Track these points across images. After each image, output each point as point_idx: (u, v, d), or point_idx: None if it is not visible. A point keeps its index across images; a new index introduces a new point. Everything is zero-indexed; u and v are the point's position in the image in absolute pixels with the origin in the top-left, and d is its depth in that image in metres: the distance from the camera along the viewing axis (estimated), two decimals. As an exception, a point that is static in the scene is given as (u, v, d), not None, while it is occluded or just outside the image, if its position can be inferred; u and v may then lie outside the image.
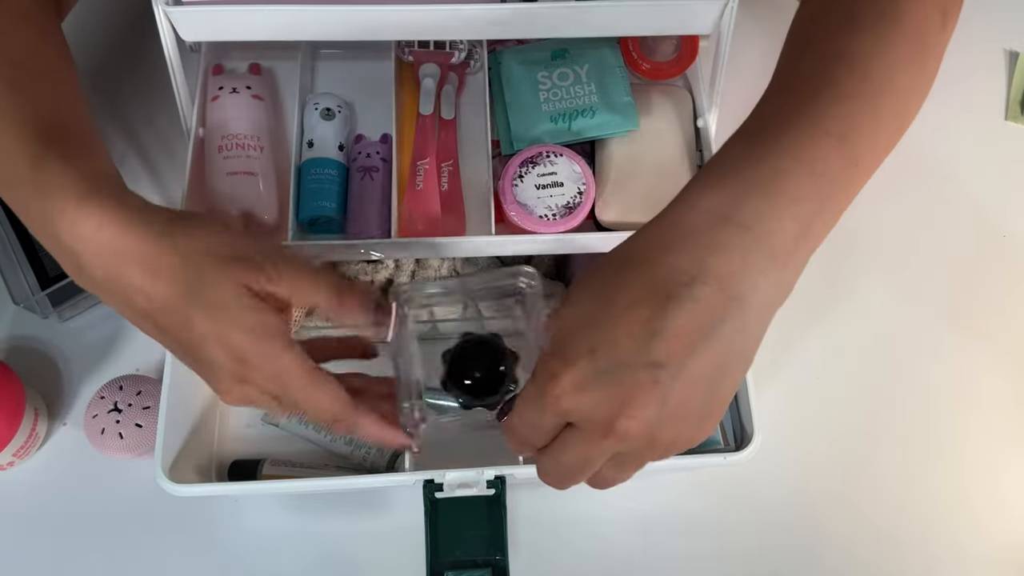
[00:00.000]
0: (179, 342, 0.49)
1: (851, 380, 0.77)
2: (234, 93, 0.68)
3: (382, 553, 0.70)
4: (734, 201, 0.43)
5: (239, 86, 0.69)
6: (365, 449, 0.71)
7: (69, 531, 0.71)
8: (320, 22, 0.61)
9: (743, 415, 0.65)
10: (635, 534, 0.71)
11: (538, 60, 0.71)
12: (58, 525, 0.71)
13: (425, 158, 0.67)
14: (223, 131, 0.67)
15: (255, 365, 0.48)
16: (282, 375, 0.48)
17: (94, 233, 0.47)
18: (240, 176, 0.65)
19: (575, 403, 0.41)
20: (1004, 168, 0.86)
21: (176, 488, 0.61)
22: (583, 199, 0.65)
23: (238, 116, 0.68)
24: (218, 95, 0.68)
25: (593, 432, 0.42)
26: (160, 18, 0.60)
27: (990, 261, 0.82)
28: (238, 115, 0.68)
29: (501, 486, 0.61)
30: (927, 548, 0.72)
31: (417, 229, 0.66)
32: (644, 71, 0.72)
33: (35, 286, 0.74)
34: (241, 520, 0.71)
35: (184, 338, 0.48)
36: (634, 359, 0.40)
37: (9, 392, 0.68)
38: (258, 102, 0.69)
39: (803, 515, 0.72)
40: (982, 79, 0.90)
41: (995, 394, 0.77)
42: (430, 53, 0.71)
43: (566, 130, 0.68)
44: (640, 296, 0.41)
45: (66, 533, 0.71)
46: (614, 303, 0.41)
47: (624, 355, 0.40)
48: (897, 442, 0.75)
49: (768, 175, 0.43)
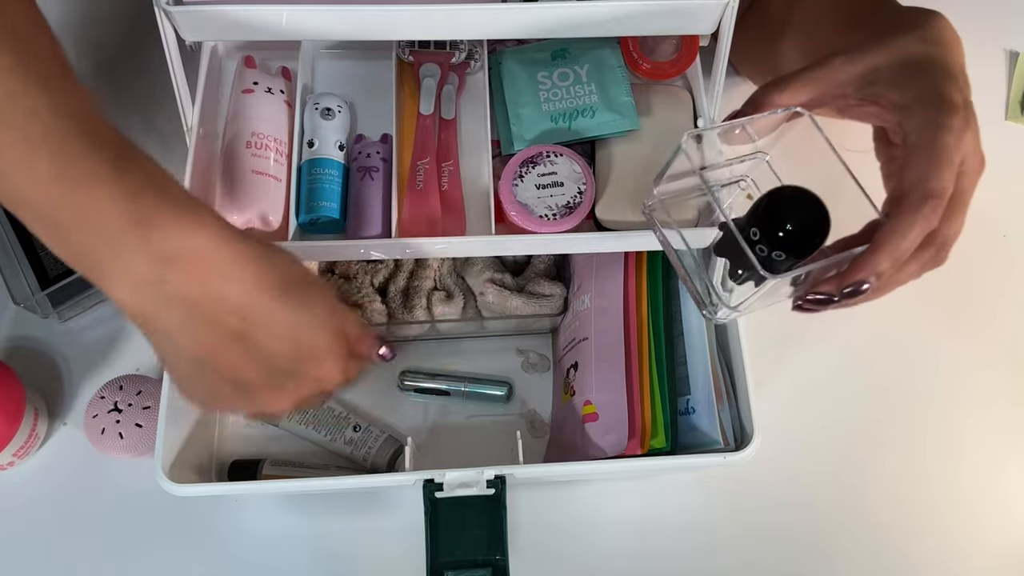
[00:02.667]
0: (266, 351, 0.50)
1: (850, 380, 0.77)
2: (269, 93, 0.68)
3: (382, 553, 0.70)
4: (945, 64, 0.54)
5: (274, 88, 0.69)
6: (365, 449, 0.71)
7: (69, 531, 0.71)
8: (321, 22, 0.61)
9: (743, 415, 0.65)
10: (635, 534, 0.71)
11: (538, 60, 0.71)
12: (58, 525, 0.71)
13: (425, 158, 0.67)
14: (254, 128, 0.66)
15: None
16: None
17: (200, 244, 0.46)
18: (264, 177, 0.65)
19: (965, 145, 0.51)
20: (1004, 168, 0.86)
21: (176, 488, 0.61)
22: (583, 199, 0.65)
23: (274, 119, 0.68)
24: (252, 89, 0.68)
25: (974, 169, 0.53)
26: (161, 18, 0.60)
27: (990, 261, 0.82)
28: (274, 118, 0.68)
29: (501, 486, 0.61)
30: (927, 547, 0.72)
31: (417, 229, 0.66)
32: (644, 71, 0.72)
33: (35, 286, 0.74)
34: (241, 520, 0.71)
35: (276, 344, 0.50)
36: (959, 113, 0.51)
37: (9, 392, 0.68)
38: (289, 109, 0.69)
39: (803, 515, 0.73)
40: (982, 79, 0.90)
41: (995, 393, 0.77)
42: (430, 53, 0.71)
43: (566, 130, 0.68)
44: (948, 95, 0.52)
45: (66, 533, 0.71)
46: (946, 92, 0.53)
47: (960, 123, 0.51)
48: (897, 441, 0.75)
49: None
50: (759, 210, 0.49)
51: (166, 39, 0.61)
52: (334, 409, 0.73)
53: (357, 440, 0.71)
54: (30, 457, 0.73)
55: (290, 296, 0.50)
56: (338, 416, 0.73)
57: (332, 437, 0.72)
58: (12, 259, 0.75)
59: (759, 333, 0.69)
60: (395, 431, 0.73)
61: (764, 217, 0.48)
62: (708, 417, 0.64)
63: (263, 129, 0.67)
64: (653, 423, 0.64)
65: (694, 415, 0.64)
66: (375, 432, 0.72)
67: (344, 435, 0.71)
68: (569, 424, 0.68)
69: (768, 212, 0.48)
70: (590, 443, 0.64)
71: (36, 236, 0.46)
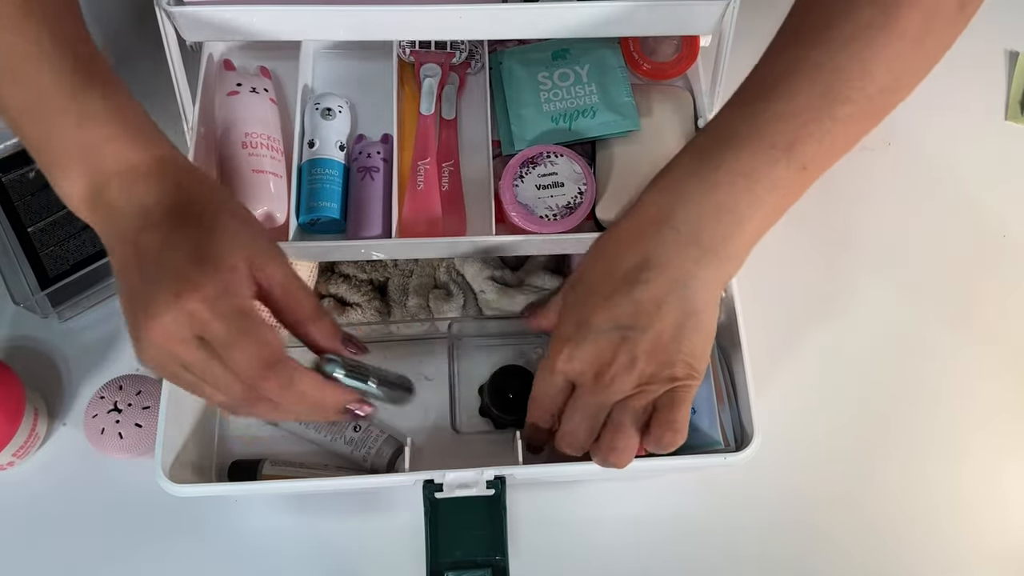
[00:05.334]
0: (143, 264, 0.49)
1: (851, 381, 0.77)
2: (254, 93, 0.69)
3: (382, 553, 0.70)
4: (672, 207, 0.53)
5: (258, 87, 0.69)
6: (365, 449, 0.71)
7: (69, 531, 0.71)
8: (321, 23, 0.61)
9: (743, 416, 0.65)
10: (635, 535, 0.72)
11: (539, 60, 0.71)
12: (58, 525, 0.71)
13: (426, 158, 0.67)
14: (246, 128, 0.67)
15: (215, 272, 0.48)
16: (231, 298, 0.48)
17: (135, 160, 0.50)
18: (265, 175, 0.65)
19: (570, 366, 0.54)
20: (1004, 168, 0.86)
21: (176, 488, 0.61)
22: (583, 199, 0.65)
23: (264, 117, 0.68)
24: (237, 91, 0.68)
25: (586, 383, 0.54)
26: (161, 18, 0.60)
27: (990, 261, 0.82)
28: (264, 116, 0.68)
29: (501, 486, 0.61)
30: (927, 549, 0.72)
31: (418, 229, 0.66)
32: (645, 71, 0.72)
33: (35, 286, 0.74)
34: (241, 520, 0.71)
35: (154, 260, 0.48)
36: (607, 328, 0.53)
37: (9, 392, 0.68)
38: (275, 106, 0.70)
39: (803, 515, 0.73)
40: (982, 79, 0.90)
41: (995, 393, 0.77)
42: (431, 53, 0.71)
43: (567, 130, 0.68)
44: (609, 287, 0.53)
45: (66, 533, 0.71)
46: (594, 292, 0.54)
47: (600, 328, 0.53)
48: (897, 442, 0.75)
49: (699, 188, 0.53)
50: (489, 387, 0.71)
51: (167, 39, 0.61)
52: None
53: (357, 440, 0.71)
54: (30, 457, 0.73)
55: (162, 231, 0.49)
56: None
57: (332, 437, 0.71)
58: (12, 259, 0.75)
59: (760, 334, 0.69)
60: (395, 431, 0.73)
61: (491, 390, 0.71)
62: (708, 418, 0.64)
63: (255, 128, 0.67)
64: (654, 424, 0.64)
65: (694, 415, 0.64)
66: (375, 432, 0.72)
67: (344, 435, 0.71)
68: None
69: (492, 386, 0.71)
70: (591, 444, 0.64)
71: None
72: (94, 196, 0.50)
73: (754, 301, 0.69)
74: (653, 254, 0.52)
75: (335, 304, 0.74)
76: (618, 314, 0.52)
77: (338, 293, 0.75)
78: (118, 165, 0.50)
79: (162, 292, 0.46)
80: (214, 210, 0.50)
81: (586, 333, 0.53)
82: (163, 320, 0.46)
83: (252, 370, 0.48)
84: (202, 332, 0.47)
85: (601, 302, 0.53)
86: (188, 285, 0.46)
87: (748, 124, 0.53)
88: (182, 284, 0.46)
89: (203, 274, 0.47)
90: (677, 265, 0.52)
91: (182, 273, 0.47)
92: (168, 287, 0.46)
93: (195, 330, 0.47)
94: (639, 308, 0.52)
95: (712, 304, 0.54)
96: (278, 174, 0.67)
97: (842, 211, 0.83)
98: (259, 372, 0.48)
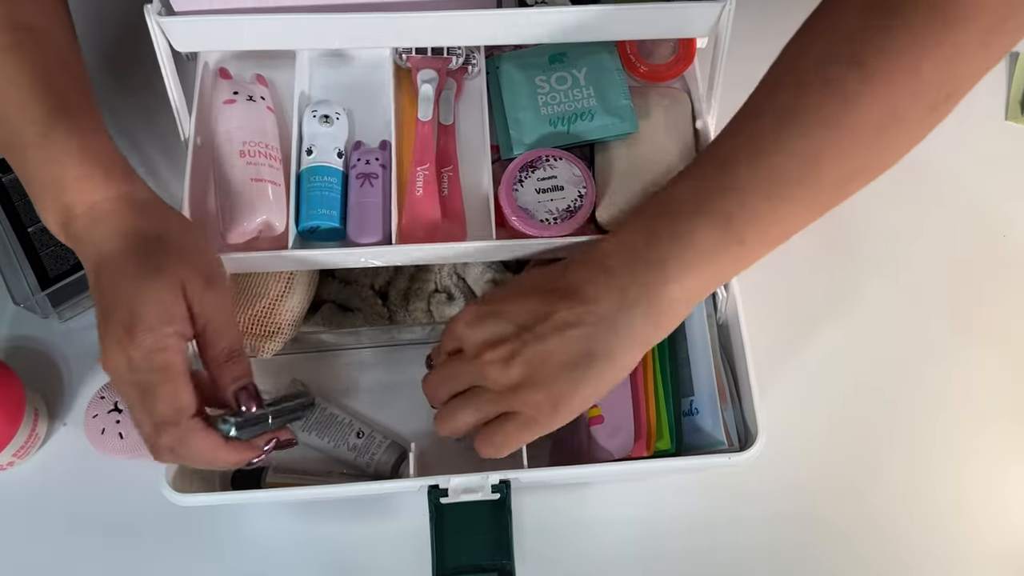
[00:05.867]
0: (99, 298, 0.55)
1: (853, 380, 0.77)
2: (251, 101, 0.68)
3: (387, 559, 0.70)
4: (615, 254, 0.56)
5: (255, 95, 0.69)
6: (369, 455, 0.71)
7: (69, 531, 0.71)
8: (315, 30, 0.61)
9: (747, 416, 0.65)
10: (641, 536, 0.71)
11: (536, 64, 0.71)
12: (58, 526, 0.71)
13: (424, 164, 0.68)
14: (244, 136, 0.66)
15: (140, 332, 0.52)
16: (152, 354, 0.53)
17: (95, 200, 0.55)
18: (264, 184, 0.65)
19: (464, 331, 0.57)
20: (1004, 168, 0.86)
21: (180, 498, 0.61)
22: (583, 202, 0.65)
23: (262, 126, 0.68)
24: (233, 100, 0.68)
25: (467, 353, 0.56)
26: (153, 28, 0.60)
27: (990, 261, 0.82)
28: (262, 124, 0.68)
29: (506, 490, 0.61)
30: (930, 548, 0.72)
31: (417, 235, 0.66)
32: (642, 74, 0.72)
33: (35, 286, 0.74)
34: (244, 526, 0.71)
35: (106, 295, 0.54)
36: (514, 321, 0.55)
37: (9, 392, 0.69)
38: (273, 114, 0.70)
39: (807, 516, 0.72)
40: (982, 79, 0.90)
41: (996, 393, 0.77)
42: (428, 59, 0.71)
43: (565, 133, 0.68)
44: (538, 291, 0.56)
45: (66, 533, 0.71)
46: (524, 289, 0.57)
47: (509, 317, 0.56)
48: (900, 442, 0.75)
49: (642, 241, 0.55)
50: None
51: (159, 49, 0.61)
52: (337, 415, 0.73)
53: (361, 447, 0.71)
54: (30, 457, 0.73)
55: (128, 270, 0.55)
56: (341, 422, 0.72)
57: (335, 444, 0.71)
58: (12, 259, 0.75)
59: (763, 334, 0.69)
60: (399, 437, 0.73)
61: None
62: (712, 418, 0.64)
63: (253, 137, 0.67)
64: (658, 425, 0.64)
65: (698, 416, 0.64)
66: (378, 438, 0.72)
67: (348, 442, 0.71)
68: (574, 427, 0.68)
69: None
70: (596, 445, 0.64)
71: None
72: (64, 229, 0.56)
73: (756, 301, 0.68)
74: (585, 287, 0.55)
75: (336, 309, 0.74)
76: (530, 314, 0.55)
77: (339, 298, 0.75)
78: (82, 204, 0.55)
79: (110, 336, 0.53)
80: (162, 252, 0.55)
81: (497, 313, 0.56)
82: (110, 357, 0.53)
83: (149, 426, 0.54)
84: (132, 378, 0.53)
85: (523, 297, 0.56)
86: (127, 337, 0.52)
87: (692, 191, 0.56)
88: (124, 334, 0.53)
89: (141, 330, 0.52)
90: (605, 303, 0.54)
91: (127, 323, 0.53)
92: (114, 334, 0.53)
93: (130, 375, 0.53)
94: (550, 320, 0.54)
95: (620, 358, 0.55)
96: (276, 182, 0.66)
97: (842, 211, 0.82)
98: (156, 428, 0.53)
